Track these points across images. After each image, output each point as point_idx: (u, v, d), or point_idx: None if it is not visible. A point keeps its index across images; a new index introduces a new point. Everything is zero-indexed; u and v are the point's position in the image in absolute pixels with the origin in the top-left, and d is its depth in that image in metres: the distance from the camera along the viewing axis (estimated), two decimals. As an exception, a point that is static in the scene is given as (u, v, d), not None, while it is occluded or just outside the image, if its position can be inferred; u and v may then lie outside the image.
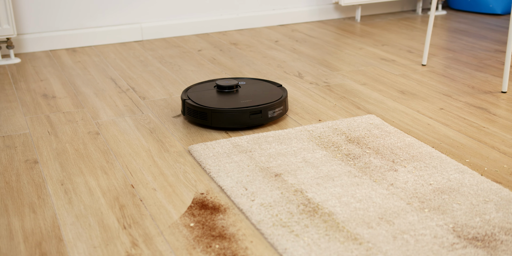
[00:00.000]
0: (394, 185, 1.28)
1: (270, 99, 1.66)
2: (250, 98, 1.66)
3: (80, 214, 1.21)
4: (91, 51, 2.45)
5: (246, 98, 1.67)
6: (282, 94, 1.70)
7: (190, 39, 2.62)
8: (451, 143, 1.51)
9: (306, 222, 1.15)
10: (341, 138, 1.53)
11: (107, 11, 2.54)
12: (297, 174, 1.34)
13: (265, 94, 1.70)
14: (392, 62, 2.22)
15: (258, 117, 1.61)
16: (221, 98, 1.67)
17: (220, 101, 1.65)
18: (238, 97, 1.67)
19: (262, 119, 1.62)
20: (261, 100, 1.65)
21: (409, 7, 3.14)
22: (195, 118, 1.63)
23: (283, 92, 1.72)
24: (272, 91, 1.72)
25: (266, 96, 1.68)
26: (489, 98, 1.82)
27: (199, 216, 1.20)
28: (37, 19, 2.43)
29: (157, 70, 2.18)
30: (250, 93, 1.71)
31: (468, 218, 1.14)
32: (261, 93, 1.71)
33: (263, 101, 1.64)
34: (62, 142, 1.56)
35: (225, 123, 1.60)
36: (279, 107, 1.65)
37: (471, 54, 2.30)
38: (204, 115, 1.61)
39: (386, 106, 1.77)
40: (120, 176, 1.37)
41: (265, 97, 1.67)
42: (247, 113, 1.60)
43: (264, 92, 1.71)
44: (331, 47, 2.46)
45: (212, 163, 1.41)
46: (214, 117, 1.60)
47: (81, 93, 1.94)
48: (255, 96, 1.68)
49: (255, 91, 1.72)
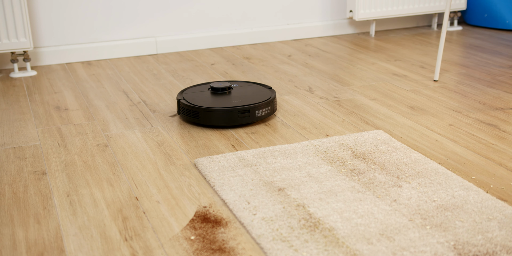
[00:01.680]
0: (397, 201, 1.27)
1: (258, 100, 1.77)
2: (240, 99, 1.78)
3: (84, 225, 1.22)
4: (106, 64, 2.48)
5: (237, 98, 1.78)
6: (270, 95, 1.82)
7: (204, 53, 2.65)
8: (458, 159, 1.49)
9: (306, 237, 1.15)
10: (347, 153, 1.53)
11: (123, 25, 2.58)
12: (300, 188, 1.34)
13: (255, 95, 1.81)
14: (403, 78, 2.21)
15: (246, 116, 1.72)
16: (214, 98, 1.79)
17: (212, 101, 1.76)
18: (229, 98, 1.79)
19: (250, 118, 1.74)
20: (250, 101, 1.76)
21: (425, 22, 3.14)
22: (188, 117, 1.75)
23: (271, 94, 1.83)
24: (262, 93, 1.84)
25: (255, 97, 1.80)
26: (500, 114, 1.80)
27: (200, 229, 1.21)
28: (54, 32, 2.48)
29: (169, 84, 2.20)
30: (241, 94, 1.83)
31: (470, 235, 1.13)
32: (251, 94, 1.82)
33: (252, 102, 1.75)
34: (71, 154, 1.58)
35: (215, 121, 1.71)
36: (267, 107, 1.77)
37: (484, 70, 2.29)
38: (196, 114, 1.72)
39: (394, 121, 1.77)
40: (125, 188, 1.38)
41: (254, 98, 1.79)
42: (236, 112, 1.71)
43: (254, 94, 1.83)
44: (344, 62, 2.46)
45: (217, 176, 1.42)
46: (206, 116, 1.71)
47: (93, 105, 1.97)
48: (245, 97, 1.80)
49: (246, 93, 1.84)
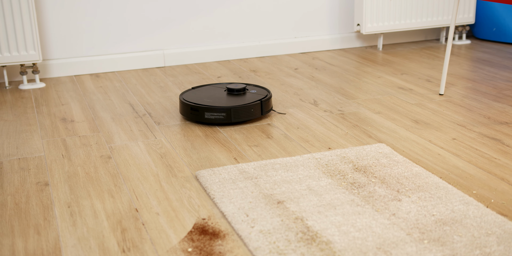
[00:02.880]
0: (396, 215, 1.27)
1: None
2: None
3: (83, 236, 1.23)
4: (114, 77, 2.51)
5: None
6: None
7: (211, 66, 2.66)
8: (460, 173, 1.49)
9: (302, 250, 1.15)
10: (348, 166, 1.53)
11: (131, 38, 2.61)
12: (299, 201, 1.34)
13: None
14: (409, 91, 2.21)
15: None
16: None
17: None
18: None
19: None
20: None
21: (433, 36, 3.14)
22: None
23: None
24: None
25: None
26: (504, 129, 1.79)
27: (198, 241, 1.21)
28: (63, 45, 2.51)
29: (175, 96, 2.22)
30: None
31: (468, 250, 1.13)
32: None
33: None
34: (74, 165, 1.60)
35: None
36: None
37: (491, 84, 2.28)
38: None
39: (398, 135, 1.77)
40: (126, 200, 1.39)
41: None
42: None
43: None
44: (350, 75, 2.46)
45: (217, 188, 1.42)
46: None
47: (99, 117, 1.99)
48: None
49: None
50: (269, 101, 1.93)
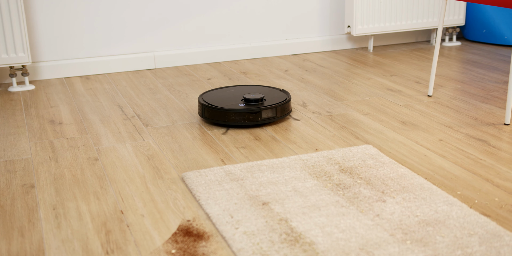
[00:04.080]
0: (380, 216, 1.27)
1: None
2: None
3: (67, 238, 1.23)
4: (104, 79, 2.51)
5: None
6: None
7: (202, 68, 2.67)
8: (445, 174, 1.49)
9: (285, 251, 1.15)
10: (334, 168, 1.53)
11: (121, 40, 2.61)
12: (284, 203, 1.35)
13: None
14: (398, 93, 2.22)
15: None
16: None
17: None
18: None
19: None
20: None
21: (424, 38, 3.15)
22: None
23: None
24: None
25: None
26: (491, 130, 1.80)
27: (182, 243, 1.21)
28: (53, 47, 2.51)
29: (165, 98, 2.22)
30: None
31: (450, 251, 1.13)
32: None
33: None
34: (61, 167, 1.60)
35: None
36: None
37: (479, 85, 2.29)
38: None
39: (385, 136, 1.77)
40: (112, 202, 1.39)
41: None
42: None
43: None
44: (340, 77, 2.47)
45: (203, 190, 1.42)
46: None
47: (87, 119, 1.99)
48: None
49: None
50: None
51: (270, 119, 1.86)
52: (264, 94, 1.99)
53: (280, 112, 1.89)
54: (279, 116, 1.88)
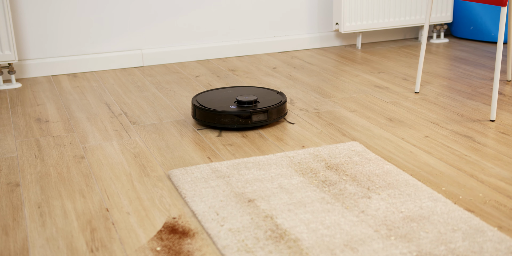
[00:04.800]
0: (365, 212, 1.28)
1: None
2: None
3: (51, 237, 1.23)
4: (91, 77, 2.50)
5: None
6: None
7: (190, 65, 2.66)
8: (430, 171, 1.50)
9: (270, 248, 1.15)
10: (321, 164, 1.54)
11: (109, 38, 2.60)
12: (270, 200, 1.35)
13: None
14: (385, 90, 2.23)
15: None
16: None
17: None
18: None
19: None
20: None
21: (412, 35, 3.16)
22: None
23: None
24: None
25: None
26: (476, 126, 1.81)
27: (167, 240, 1.21)
28: (39, 45, 2.50)
29: (152, 96, 2.21)
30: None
31: (433, 246, 1.14)
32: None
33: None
34: (46, 165, 1.59)
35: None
36: None
37: (466, 82, 2.30)
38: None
39: (371, 133, 1.78)
40: (97, 200, 1.39)
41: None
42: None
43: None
44: (328, 74, 2.48)
45: (189, 188, 1.42)
46: None
47: (74, 117, 1.98)
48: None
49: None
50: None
51: (261, 122, 1.81)
52: (260, 96, 1.93)
53: (272, 115, 1.83)
54: (271, 119, 1.82)
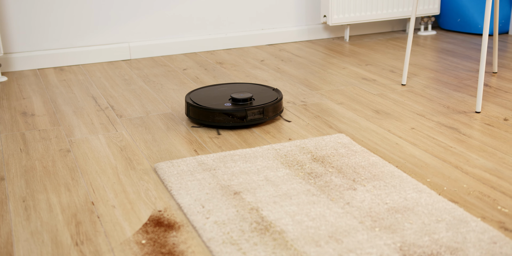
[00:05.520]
0: (350, 204, 1.28)
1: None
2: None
3: (36, 230, 1.23)
4: (78, 70, 2.49)
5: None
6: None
7: (177, 58, 2.65)
8: (416, 162, 1.51)
9: (255, 240, 1.16)
10: (307, 157, 1.54)
11: (96, 31, 2.59)
12: (256, 192, 1.35)
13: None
14: (372, 82, 2.23)
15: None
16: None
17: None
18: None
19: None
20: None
21: (399, 27, 3.17)
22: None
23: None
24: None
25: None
26: (462, 118, 1.82)
27: (152, 233, 1.21)
28: (25, 38, 2.48)
29: (139, 89, 2.21)
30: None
31: (417, 237, 1.14)
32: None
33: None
34: (32, 159, 1.58)
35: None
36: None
37: (452, 74, 2.31)
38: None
39: (358, 125, 1.78)
40: (82, 193, 1.39)
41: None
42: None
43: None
44: (315, 66, 2.48)
45: (175, 181, 1.42)
46: None
47: (60, 111, 1.97)
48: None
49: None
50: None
51: (257, 120, 1.76)
52: (255, 93, 1.88)
53: (268, 113, 1.77)
54: (266, 117, 1.77)
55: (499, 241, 1.12)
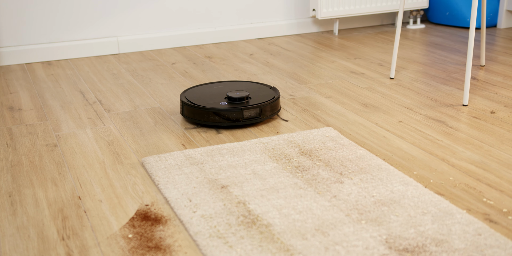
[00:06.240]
0: (337, 197, 1.29)
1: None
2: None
3: (22, 225, 1.22)
4: (66, 65, 2.47)
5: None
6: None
7: (166, 53, 2.64)
8: (403, 155, 1.51)
9: (242, 233, 1.16)
10: (294, 150, 1.54)
11: (84, 25, 2.57)
12: (243, 186, 1.35)
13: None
14: (361, 75, 2.23)
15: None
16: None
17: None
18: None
19: None
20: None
21: (389, 20, 3.17)
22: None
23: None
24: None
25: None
26: (449, 111, 1.83)
27: (139, 227, 1.21)
28: (13, 32, 2.46)
29: (127, 83, 2.20)
30: None
31: (403, 229, 1.15)
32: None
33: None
34: (18, 154, 1.58)
35: None
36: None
37: (440, 67, 2.32)
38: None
39: (346, 119, 1.79)
40: (69, 188, 1.38)
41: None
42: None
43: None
44: (304, 60, 2.47)
45: (162, 175, 1.42)
46: None
47: (48, 105, 1.96)
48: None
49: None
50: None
51: (253, 119, 1.71)
52: (252, 91, 1.83)
53: (265, 112, 1.73)
54: (263, 117, 1.72)
55: (484, 232, 1.13)
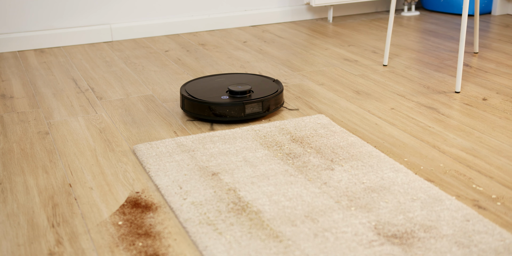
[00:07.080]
0: (327, 184, 1.29)
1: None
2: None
3: (12, 213, 1.22)
4: (59, 52, 2.46)
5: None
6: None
7: (160, 40, 2.63)
8: (394, 142, 1.52)
9: (232, 220, 1.16)
10: (286, 137, 1.54)
11: (77, 12, 2.56)
12: (234, 173, 1.35)
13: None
14: (354, 63, 2.23)
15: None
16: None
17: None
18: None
19: None
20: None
21: (383, 7, 3.15)
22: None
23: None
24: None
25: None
26: (441, 98, 1.82)
27: (129, 214, 1.21)
28: (5, 19, 2.45)
29: (120, 71, 2.19)
30: None
31: (392, 216, 1.15)
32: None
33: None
34: (9, 142, 1.57)
35: None
36: None
37: (434, 54, 2.31)
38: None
39: (338, 106, 1.78)
40: (60, 176, 1.38)
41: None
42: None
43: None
44: (298, 47, 2.47)
45: (153, 162, 1.42)
46: None
47: (40, 93, 1.95)
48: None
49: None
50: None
51: (255, 114, 1.66)
52: (254, 84, 1.77)
53: (268, 106, 1.67)
54: (266, 111, 1.67)
55: (472, 218, 1.13)
